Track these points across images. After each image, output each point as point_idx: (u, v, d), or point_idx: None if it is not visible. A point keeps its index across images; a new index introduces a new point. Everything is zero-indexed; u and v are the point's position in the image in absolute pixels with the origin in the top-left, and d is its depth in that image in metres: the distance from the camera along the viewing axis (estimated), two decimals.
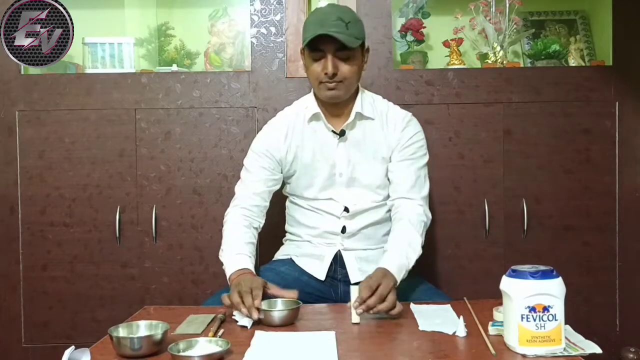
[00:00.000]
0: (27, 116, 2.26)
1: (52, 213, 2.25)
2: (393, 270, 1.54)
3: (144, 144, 2.26)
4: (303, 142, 1.80)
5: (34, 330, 2.26)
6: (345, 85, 1.70)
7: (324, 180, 1.79)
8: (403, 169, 1.76)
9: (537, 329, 1.16)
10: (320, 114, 1.78)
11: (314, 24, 1.67)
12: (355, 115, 1.76)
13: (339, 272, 1.79)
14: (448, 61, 2.40)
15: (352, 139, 1.78)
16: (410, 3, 2.48)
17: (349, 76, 1.69)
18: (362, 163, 1.78)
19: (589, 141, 2.27)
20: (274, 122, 1.88)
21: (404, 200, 1.73)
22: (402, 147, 1.77)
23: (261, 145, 1.83)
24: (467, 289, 2.22)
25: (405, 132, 1.79)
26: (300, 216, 1.85)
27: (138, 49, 2.46)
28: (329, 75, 1.67)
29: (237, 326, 1.42)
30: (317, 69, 1.70)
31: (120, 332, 1.27)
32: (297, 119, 1.82)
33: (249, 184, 1.81)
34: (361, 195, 1.79)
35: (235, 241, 1.72)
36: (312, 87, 1.80)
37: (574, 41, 2.52)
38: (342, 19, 1.65)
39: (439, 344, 1.26)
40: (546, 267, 1.19)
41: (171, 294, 2.26)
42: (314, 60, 1.70)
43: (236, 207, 1.80)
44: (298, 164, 1.80)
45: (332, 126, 1.77)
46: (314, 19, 1.72)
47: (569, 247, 2.26)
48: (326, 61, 1.67)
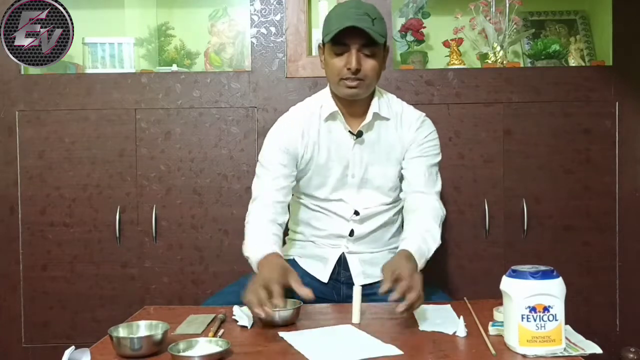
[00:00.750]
0: (27, 116, 2.26)
1: (52, 213, 2.25)
2: (415, 254, 1.50)
3: (144, 144, 2.26)
4: (319, 142, 1.74)
5: (34, 330, 2.26)
6: (366, 84, 1.65)
7: (336, 181, 1.75)
8: (416, 165, 1.73)
9: (538, 329, 1.16)
10: (337, 113, 1.72)
11: (339, 17, 1.61)
12: (372, 116, 1.72)
13: (343, 275, 1.77)
14: (448, 61, 2.40)
15: (368, 141, 1.74)
16: (410, 3, 2.48)
17: (370, 74, 1.64)
18: (374, 164, 1.74)
19: (589, 141, 2.27)
20: (289, 118, 1.79)
21: (418, 194, 1.70)
22: (417, 145, 1.74)
23: (279, 141, 1.74)
24: (467, 289, 2.22)
25: (419, 131, 1.75)
26: (306, 216, 1.81)
27: (138, 49, 2.46)
28: (352, 70, 1.61)
29: (237, 326, 1.42)
30: (339, 64, 1.63)
31: (120, 332, 1.27)
32: (313, 117, 1.75)
33: (268, 181, 1.72)
34: (372, 198, 1.75)
35: (261, 234, 1.64)
36: (328, 85, 1.76)
37: (574, 41, 2.52)
38: (369, 14, 1.60)
39: (439, 344, 1.26)
40: (546, 267, 1.19)
41: (171, 294, 2.26)
42: (335, 54, 1.63)
43: (257, 205, 1.71)
44: (313, 164, 1.75)
45: (349, 126, 1.73)
46: (339, 11, 1.66)
47: (569, 247, 2.27)
48: (350, 56, 1.61)
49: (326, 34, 1.65)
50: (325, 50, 1.69)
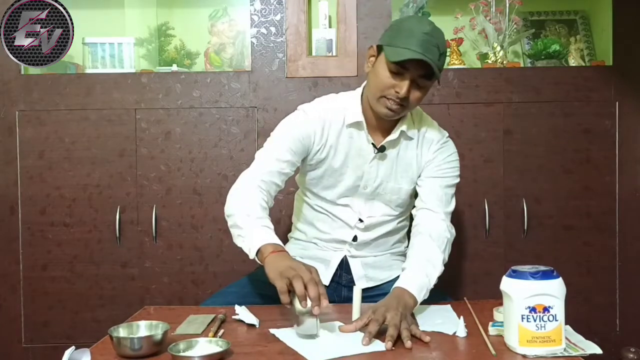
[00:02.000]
0: (27, 116, 2.26)
1: (52, 213, 2.25)
2: (413, 289, 1.45)
3: (144, 144, 2.26)
4: (337, 145, 1.69)
5: (34, 330, 2.26)
6: (405, 109, 1.60)
7: (347, 188, 1.71)
8: (431, 184, 1.69)
9: (538, 329, 1.16)
10: (363, 124, 1.65)
11: (410, 39, 1.50)
12: (400, 134, 1.67)
13: (344, 278, 1.76)
14: (448, 61, 2.40)
15: (389, 157, 1.69)
16: (410, 3, 2.48)
17: (414, 103, 1.58)
18: (390, 181, 1.70)
19: (589, 141, 2.27)
20: (311, 110, 1.69)
21: (427, 211, 1.65)
22: (434, 166, 1.69)
23: (298, 129, 1.66)
24: (467, 289, 2.23)
25: (439, 152, 1.70)
26: (310, 215, 1.78)
27: (138, 49, 2.46)
28: (401, 97, 1.54)
29: (237, 326, 1.42)
30: (389, 82, 1.54)
31: (120, 332, 1.27)
32: (335, 118, 1.67)
33: (272, 158, 1.64)
34: (379, 209, 1.72)
35: (257, 210, 1.54)
36: (361, 89, 1.69)
37: (574, 41, 2.52)
38: (439, 47, 1.53)
39: (439, 344, 1.26)
40: (546, 268, 1.19)
41: (171, 294, 2.26)
42: (390, 72, 1.54)
43: (254, 172, 1.63)
44: (325, 165, 1.70)
45: (372, 138, 1.67)
46: (411, 28, 1.53)
47: (569, 247, 2.27)
48: (403, 81, 1.53)
49: (392, 50, 1.52)
50: (379, 57, 1.59)
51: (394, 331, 1.28)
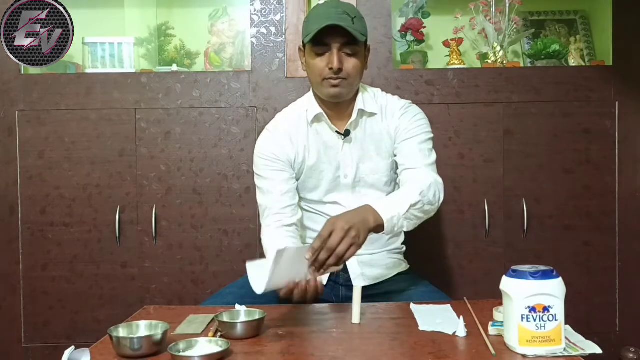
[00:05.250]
0: (27, 116, 2.26)
1: (52, 213, 2.25)
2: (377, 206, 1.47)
3: (144, 144, 2.26)
4: (309, 145, 1.74)
5: (34, 330, 2.26)
6: (348, 83, 1.65)
7: (329, 182, 1.75)
8: (405, 146, 1.71)
9: (537, 329, 1.16)
10: (322, 115, 1.72)
11: (319, 17, 1.61)
12: (357, 113, 1.71)
13: (341, 277, 1.76)
14: (448, 61, 2.40)
15: (356, 138, 1.74)
16: (410, 3, 2.48)
17: (353, 73, 1.64)
18: (365, 161, 1.74)
19: (589, 141, 2.27)
20: (274, 126, 1.79)
21: (408, 170, 1.68)
22: (403, 129, 1.72)
23: (266, 151, 1.74)
24: (467, 289, 2.23)
25: (404, 117, 1.74)
26: (304, 219, 1.79)
27: (138, 48, 2.46)
28: (334, 70, 1.60)
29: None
30: (320, 64, 1.63)
31: (120, 332, 1.27)
32: (300, 121, 1.76)
33: (270, 190, 1.72)
34: (367, 197, 1.73)
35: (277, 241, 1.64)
36: (311, 87, 1.76)
37: (574, 41, 2.52)
38: (348, 13, 1.61)
39: (439, 344, 1.26)
40: (546, 267, 1.19)
41: (171, 294, 2.26)
42: (317, 55, 1.63)
43: (268, 219, 1.71)
44: (305, 166, 1.75)
45: (336, 127, 1.73)
46: (318, 12, 1.66)
47: (569, 247, 2.27)
48: (331, 55, 1.61)
49: (306, 35, 1.64)
50: (305, 52, 1.69)
51: (325, 256, 1.37)
